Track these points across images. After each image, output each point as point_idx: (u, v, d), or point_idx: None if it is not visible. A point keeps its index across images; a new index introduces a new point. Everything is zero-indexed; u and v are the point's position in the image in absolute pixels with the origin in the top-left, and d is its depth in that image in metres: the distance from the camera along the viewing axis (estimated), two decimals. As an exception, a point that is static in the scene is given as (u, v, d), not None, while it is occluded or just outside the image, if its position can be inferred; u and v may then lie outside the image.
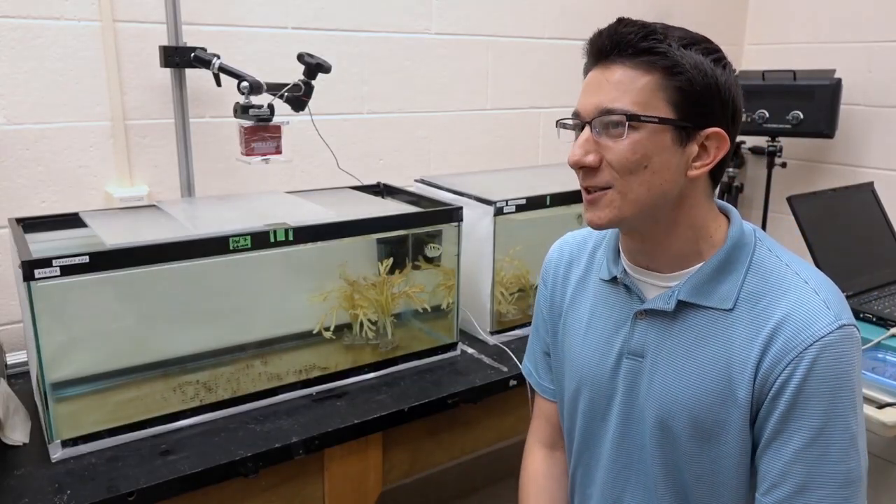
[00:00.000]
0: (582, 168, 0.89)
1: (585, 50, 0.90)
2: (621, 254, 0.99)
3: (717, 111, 0.86)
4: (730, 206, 0.97)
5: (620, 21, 0.87)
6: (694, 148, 0.87)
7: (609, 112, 0.85)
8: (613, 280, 1.00)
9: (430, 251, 1.59)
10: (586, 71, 0.91)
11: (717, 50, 0.87)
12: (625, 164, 0.86)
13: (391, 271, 1.55)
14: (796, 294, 0.87)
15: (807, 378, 0.83)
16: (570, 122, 0.92)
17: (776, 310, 0.87)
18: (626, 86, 0.85)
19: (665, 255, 0.93)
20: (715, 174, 0.91)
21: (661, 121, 0.84)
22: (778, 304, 0.87)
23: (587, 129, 0.88)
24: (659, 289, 0.95)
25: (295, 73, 1.60)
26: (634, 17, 0.87)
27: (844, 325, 0.84)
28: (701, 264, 0.92)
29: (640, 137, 0.85)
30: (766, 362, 0.85)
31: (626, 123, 0.84)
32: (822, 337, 0.83)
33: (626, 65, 0.85)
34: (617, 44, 0.85)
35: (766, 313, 0.87)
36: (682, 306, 0.92)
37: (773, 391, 0.85)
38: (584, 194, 0.92)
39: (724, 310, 0.90)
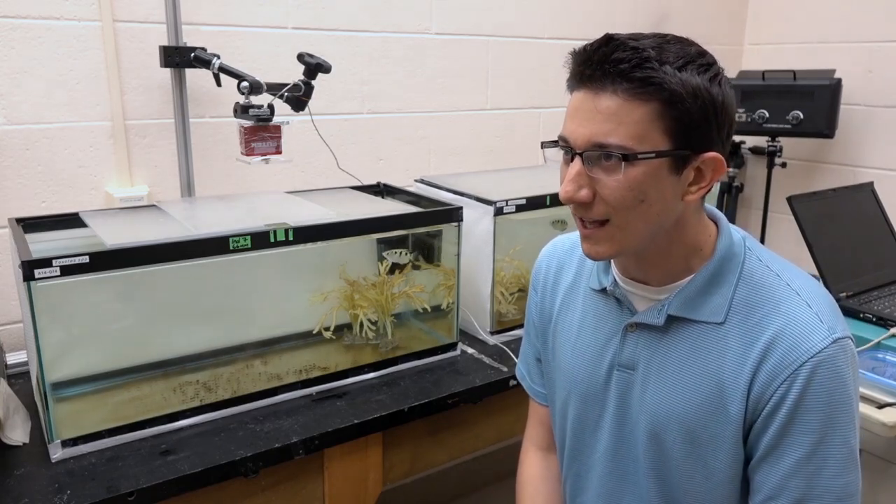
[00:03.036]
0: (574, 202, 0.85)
1: (569, 65, 0.84)
2: (612, 265, 0.98)
3: (713, 135, 0.83)
4: (718, 214, 0.95)
5: (609, 42, 0.81)
6: (690, 173, 0.83)
7: (603, 147, 0.80)
8: (604, 291, 0.98)
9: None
10: (571, 88, 0.85)
11: (711, 64, 0.82)
12: (621, 200, 0.82)
13: (391, 271, 1.55)
14: (788, 307, 0.86)
15: (803, 395, 0.82)
16: (557, 146, 0.87)
17: (769, 324, 0.85)
18: (620, 118, 0.79)
19: (657, 270, 0.92)
20: None
21: (659, 154, 0.80)
22: (770, 318, 0.86)
23: (578, 161, 0.83)
24: (649, 301, 0.93)
25: (295, 73, 1.60)
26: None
27: (839, 338, 0.83)
28: (691, 277, 0.90)
29: (636, 173, 0.80)
30: (759, 379, 0.84)
31: (623, 162, 0.80)
32: (817, 353, 0.81)
33: (618, 94, 0.79)
34: (608, 73, 0.79)
35: (758, 328, 0.86)
36: (673, 320, 0.91)
37: (769, 408, 0.84)
38: (579, 225, 0.88)
39: (715, 323, 0.88)
